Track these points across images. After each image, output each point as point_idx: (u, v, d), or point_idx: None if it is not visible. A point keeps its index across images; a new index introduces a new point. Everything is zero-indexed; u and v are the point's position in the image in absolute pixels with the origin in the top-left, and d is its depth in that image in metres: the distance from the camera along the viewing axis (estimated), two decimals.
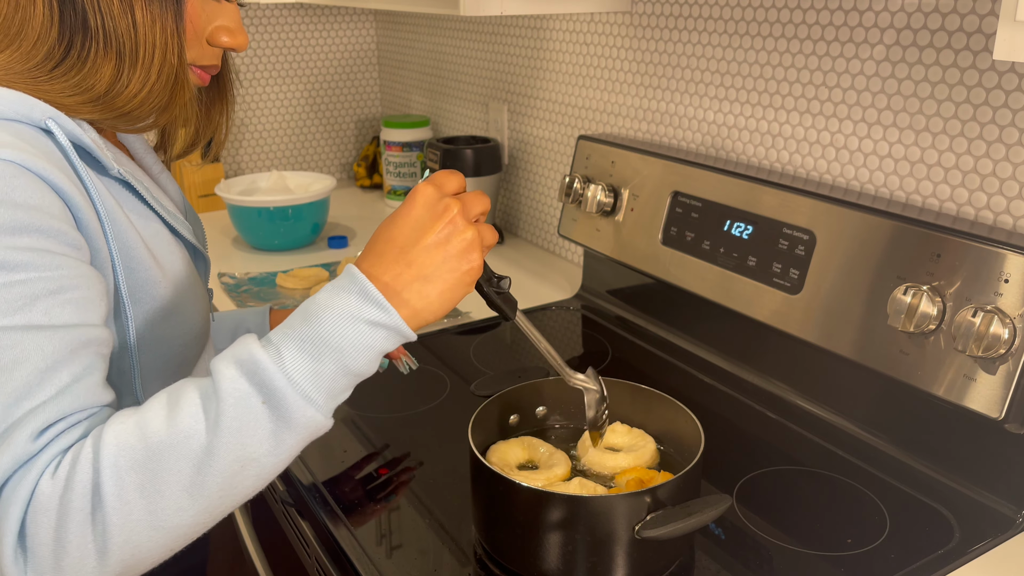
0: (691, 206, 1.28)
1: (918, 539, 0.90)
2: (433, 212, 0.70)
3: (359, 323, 0.66)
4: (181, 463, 0.61)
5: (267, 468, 0.65)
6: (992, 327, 0.88)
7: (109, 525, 0.59)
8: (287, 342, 0.65)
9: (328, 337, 0.65)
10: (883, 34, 1.09)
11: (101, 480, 0.59)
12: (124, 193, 0.81)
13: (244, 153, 2.38)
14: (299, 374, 0.64)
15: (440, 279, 0.69)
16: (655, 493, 0.80)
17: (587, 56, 1.62)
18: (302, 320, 0.66)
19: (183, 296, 0.84)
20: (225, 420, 0.62)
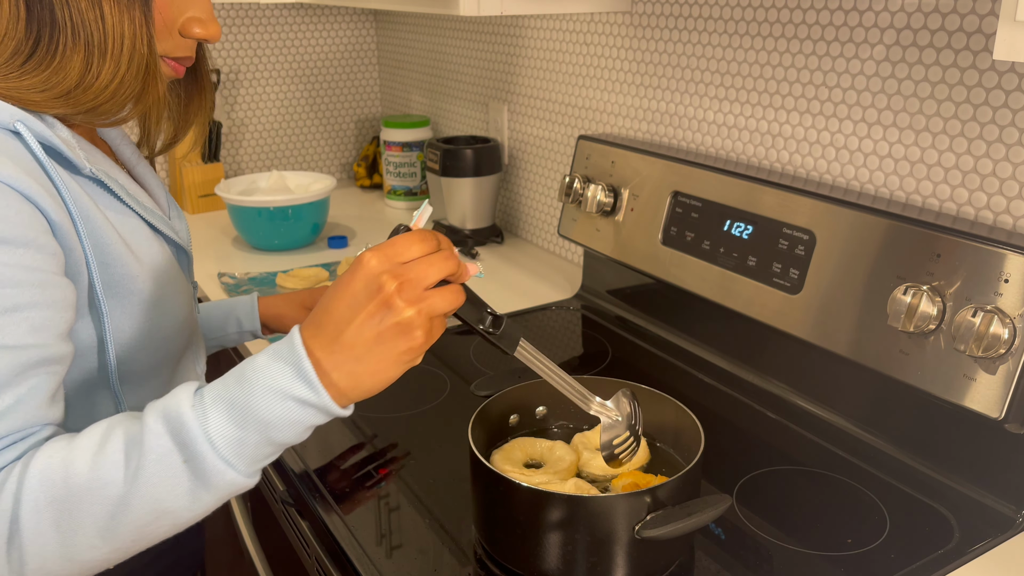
0: (691, 206, 1.28)
1: (918, 539, 0.90)
2: (369, 290, 0.65)
3: (288, 400, 0.65)
4: (96, 507, 0.63)
5: (182, 520, 0.66)
6: (992, 327, 0.88)
7: (24, 554, 0.62)
8: (217, 404, 0.65)
9: (256, 408, 0.65)
10: (883, 34, 1.09)
11: (20, 512, 0.62)
12: (99, 191, 0.81)
13: (244, 153, 2.38)
14: (222, 440, 0.64)
15: (373, 361, 0.66)
16: (655, 493, 0.80)
17: (587, 56, 1.62)
18: (237, 381, 0.66)
19: (163, 290, 0.84)
20: (144, 474, 0.63)
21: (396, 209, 2.21)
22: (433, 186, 1.94)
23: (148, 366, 0.84)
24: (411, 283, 0.66)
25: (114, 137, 0.96)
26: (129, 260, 0.80)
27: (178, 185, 2.21)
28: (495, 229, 1.92)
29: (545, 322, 1.48)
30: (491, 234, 1.91)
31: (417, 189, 2.19)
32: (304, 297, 1.22)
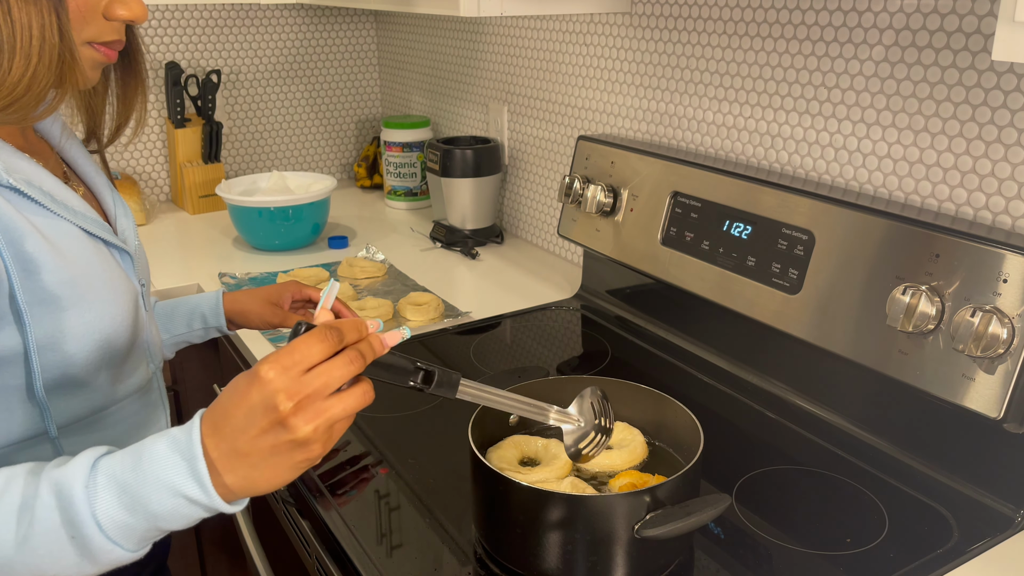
0: (690, 206, 1.29)
1: (917, 538, 0.90)
2: (265, 407, 0.64)
3: (178, 496, 0.65)
4: None
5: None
6: (991, 327, 0.88)
7: None
8: (109, 487, 0.65)
9: (147, 500, 0.65)
10: (882, 35, 1.09)
11: None
12: (20, 199, 0.79)
13: (245, 153, 2.39)
14: (111, 524, 0.65)
15: (268, 469, 0.66)
16: (655, 492, 0.80)
17: (587, 57, 1.63)
18: (132, 466, 0.66)
19: (99, 295, 0.83)
20: (32, 543, 0.64)
21: (396, 210, 2.22)
22: (433, 186, 1.94)
23: (84, 372, 0.83)
24: (309, 399, 0.65)
25: (57, 136, 0.94)
26: (58, 266, 0.79)
27: (179, 185, 2.21)
28: (495, 229, 1.92)
29: (545, 322, 1.48)
30: (491, 234, 1.91)
31: (417, 189, 2.19)
32: (269, 292, 1.22)
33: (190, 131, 2.17)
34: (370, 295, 1.61)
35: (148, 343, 0.96)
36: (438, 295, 1.59)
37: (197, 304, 1.18)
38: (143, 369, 0.95)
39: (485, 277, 1.72)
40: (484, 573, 0.86)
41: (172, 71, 2.12)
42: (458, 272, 1.76)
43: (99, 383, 0.86)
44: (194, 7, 2.22)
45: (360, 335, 0.69)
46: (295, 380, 0.65)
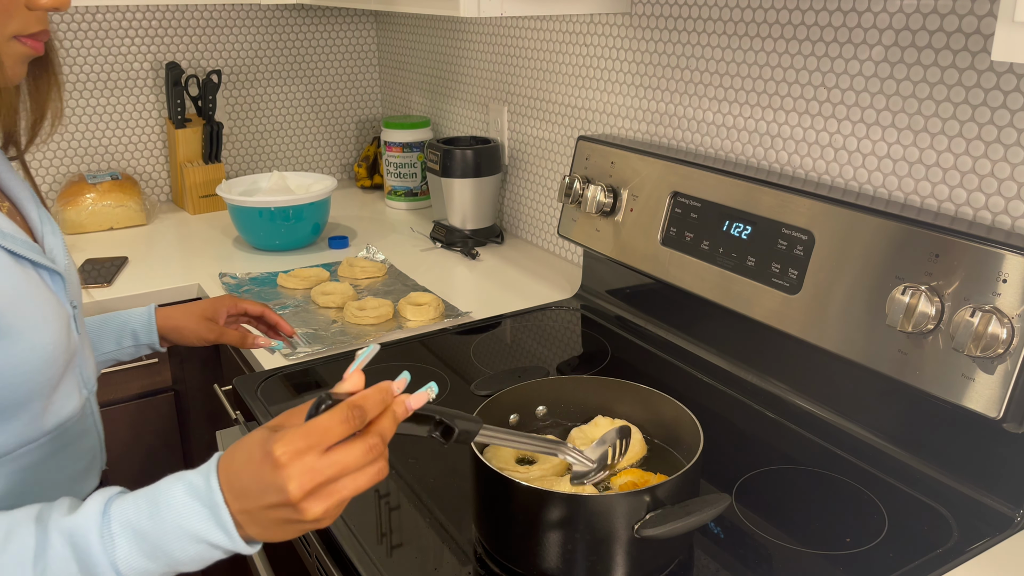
0: (690, 206, 1.29)
1: (916, 538, 0.90)
2: (277, 489, 0.62)
3: (202, 543, 0.64)
4: None
5: None
6: (990, 327, 0.88)
7: None
8: (125, 533, 0.64)
9: (168, 548, 0.64)
10: (881, 35, 1.09)
11: None
12: None
13: (245, 153, 2.39)
14: (130, 571, 0.64)
15: (279, 532, 0.65)
16: (654, 492, 0.80)
17: (587, 57, 1.63)
18: (150, 514, 0.64)
19: (25, 321, 0.78)
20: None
21: (396, 210, 2.22)
22: (433, 186, 1.94)
23: (13, 401, 0.79)
24: (322, 486, 0.63)
25: None
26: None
27: (179, 185, 2.22)
28: (495, 229, 1.92)
29: (545, 322, 1.48)
30: (491, 234, 1.91)
31: (418, 189, 2.19)
32: (204, 307, 1.19)
33: (190, 131, 2.17)
34: (370, 295, 1.61)
35: (81, 368, 0.91)
36: (438, 295, 1.59)
37: (127, 320, 1.13)
38: (76, 396, 0.89)
39: (485, 277, 1.73)
40: (484, 573, 0.86)
41: (172, 71, 2.12)
42: (458, 272, 1.76)
43: (29, 415, 0.81)
44: (194, 7, 2.22)
45: (384, 405, 0.67)
46: (310, 469, 0.62)
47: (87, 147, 2.18)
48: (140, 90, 2.20)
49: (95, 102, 2.17)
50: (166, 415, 1.74)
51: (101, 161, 2.21)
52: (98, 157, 2.21)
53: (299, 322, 1.48)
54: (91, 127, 2.18)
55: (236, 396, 1.27)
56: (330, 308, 1.55)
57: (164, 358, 1.70)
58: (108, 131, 2.20)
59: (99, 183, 2.04)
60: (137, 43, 2.18)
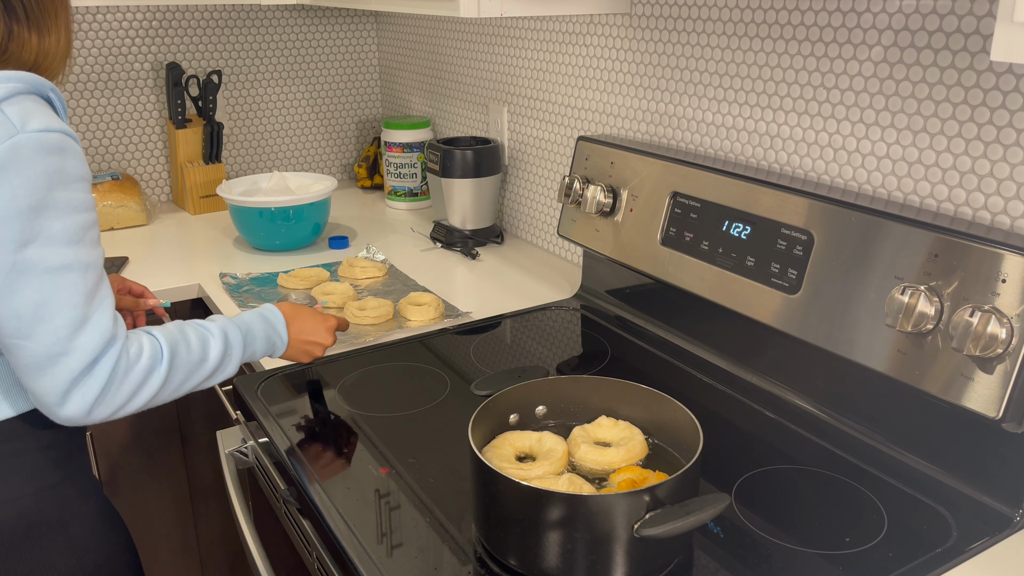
0: (690, 206, 1.29)
1: (916, 538, 0.90)
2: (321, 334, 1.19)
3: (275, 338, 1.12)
4: (198, 374, 1.00)
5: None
6: (990, 327, 0.89)
7: (150, 393, 0.93)
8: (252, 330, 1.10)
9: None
10: (881, 35, 1.09)
11: (158, 368, 0.93)
12: None
13: (245, 154, 2.39)
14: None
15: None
16: (654, 492, 0.80)
17: (586, 58, 1.63)
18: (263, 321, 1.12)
19: None
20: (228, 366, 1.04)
21: (397, 210, 2.22)
22: (433, 187, 1.94)
23: None
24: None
25: None
26: None
27: (180, 186, 2.22)
28: (495, 230, 1.93)
29: (545, 322, 1.48)
30: (491, 234, 1.91)
31: (418, 190, 2.20)
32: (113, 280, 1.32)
33: (191, 131, 2.18)
34: (370, 295, 1.61)
35: None
36: (438, 295, 1.59)
37: None
38: None
39: (485, 277, 1.73)
40: (484, 572, 0.87)
41: (173, 72, 2.13)
42: (458, 272, 1.76)
43: None
44: (194, 7, 2.22)
45: None
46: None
47: (88, 147, 2.18)
48: (140, 90, 2.21)
49: (96, 102, 2.17)
50: (166, 415, 1.74)
51: (102, 161, 2.22)
52: (99, 157, 2.21)
53: None
54: (92, 127, 2.18)
55: (236, 396, 1.28)
56: (331, 308, 1.55)
57: None
58: (109, 131, 2.20)
59: (100, 183, 2.04)
60: (138, 43, 2.18)
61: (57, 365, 0.85)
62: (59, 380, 0.85)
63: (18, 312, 0.83)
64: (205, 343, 0.99)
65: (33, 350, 0.84)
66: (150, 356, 0.92)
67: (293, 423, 1.15)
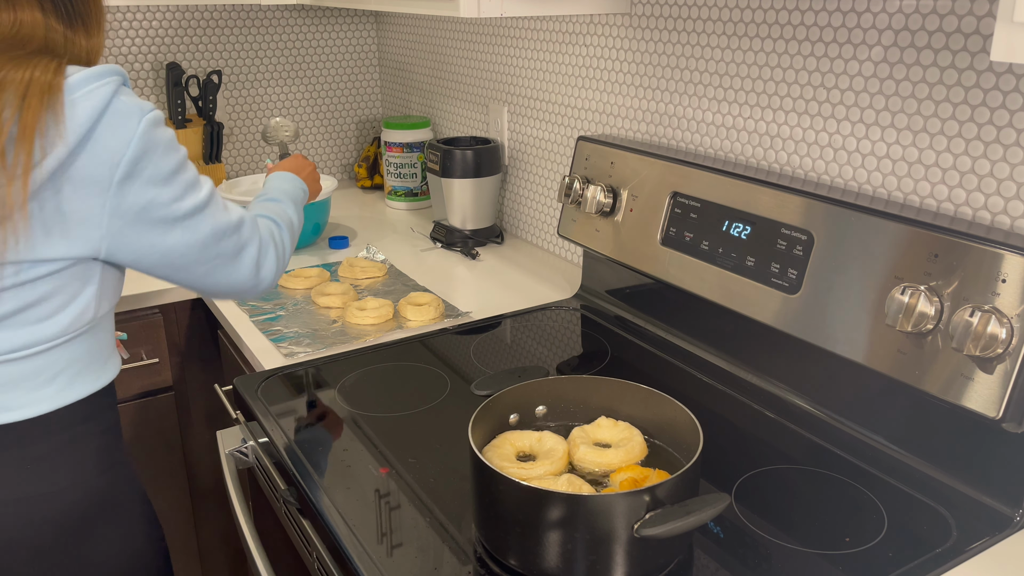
0: (690, 207, 1.29)
1: (916, 538, 0.90)
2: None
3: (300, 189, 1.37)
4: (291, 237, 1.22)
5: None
6: (990, 327, 0.89)
7: (286, 258, 1.17)
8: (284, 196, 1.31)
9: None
10: (881, 35, 1.09)
11: (286, 242, 1.18)
12: None
13: (245, 154, 2.39)
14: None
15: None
16: (654, 492, 0.80)
17: (586, 58, 1.63)
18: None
19: None
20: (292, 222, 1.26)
21: (397, 210, 2.22)
22: (433, 187, 1.94)
23: None
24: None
25: None
26: None
27: None
28: (495, 229, 1.93)
29: (545, 322, 1.48)
30: (491, 234, 1.91)
31: (418, 190, 2.20)
32: None
33: (191, 132, 2.18)
34: (370, 295, 1.61)
35: None
36: (438, 295, 1.59)
37: None
38: None
39: (485, 277, 1.73)
40: (484, 572, 0.87)
41: (173, 72, 2.13)
42: (458, 272, 1.76)
43: None
44: (194, 7, 2.22)
45: None
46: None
47: None
48: (141, 90, 2.21)
49: None
50: (166, 415, 1.74)
51: None
52: None
53: (299, 322, 1.48)
54: None
55: (237, 396, 1.28)
56: (330, 308, 1.55)
57: (165, 358, 1.70)
58: None
59: None
60: (138, 43, 2.18)
61: (243, 256, 1.07)
62: (249, 265, 1.08)
63: (204, 241, 1.00)
64: (285, 211, 1.25)
65: (224, 260, 1.04)
66: (269, 221, 1.17)
67: (293, 423, 1.15)
